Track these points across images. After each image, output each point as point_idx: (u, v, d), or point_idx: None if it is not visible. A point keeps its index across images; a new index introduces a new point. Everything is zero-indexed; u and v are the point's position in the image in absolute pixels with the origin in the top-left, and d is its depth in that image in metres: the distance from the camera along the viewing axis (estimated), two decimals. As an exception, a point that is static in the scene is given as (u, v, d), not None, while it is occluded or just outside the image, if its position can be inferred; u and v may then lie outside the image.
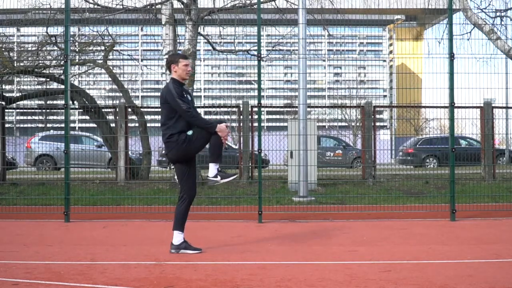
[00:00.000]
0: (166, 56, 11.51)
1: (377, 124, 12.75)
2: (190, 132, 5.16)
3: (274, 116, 43.06)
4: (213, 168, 5.27)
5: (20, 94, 15.21)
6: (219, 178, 5.28)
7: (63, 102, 7.98)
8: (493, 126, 12.93)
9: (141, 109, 14.44)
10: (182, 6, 11.56)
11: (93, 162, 15.64)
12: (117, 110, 12.12)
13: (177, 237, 5.24)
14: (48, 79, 14.76)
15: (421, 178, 12.43)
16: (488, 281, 4.12)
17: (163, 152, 5.26)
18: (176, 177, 5.33)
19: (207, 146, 5.27)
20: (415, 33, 17.58)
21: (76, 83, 19.65)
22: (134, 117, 13.74)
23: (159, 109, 5.48)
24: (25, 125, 41.04)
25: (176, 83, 5.28)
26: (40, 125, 38.52)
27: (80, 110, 14.61)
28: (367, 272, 4.46)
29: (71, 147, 8.85)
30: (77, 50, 14.79)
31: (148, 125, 14.41)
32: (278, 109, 42.52)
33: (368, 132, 12.35)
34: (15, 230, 6.95)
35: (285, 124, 11.36)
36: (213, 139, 5.15)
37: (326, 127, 38.94)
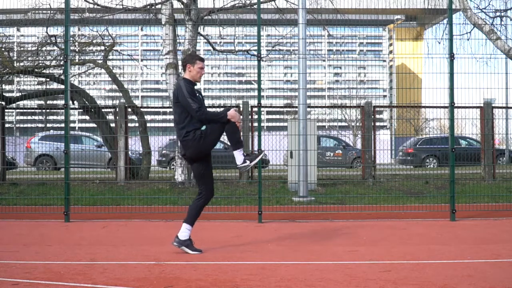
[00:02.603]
0: (166, 56, 11.53)
1: (377, 124, 12.75)
2: (204, 128, 5.15)
3: (274, 116, 43.09)
4: (239, 155, 5.24)
5: (20, 94, 15.20)
6: (248, 162, 5.26)
7: (63, 102, 7.98)
8: (493, 126, 12.92)
9: (141, 109, 14.44)
10: (182, 6, 11.56)
11: (93, 162, 15.65)
12: (117, 110, 12.12)
13: (184, 232, 5.22)
14: (48, 79, 14.76)
15: (421, 178, 12.43)
16: (488, 281, 4.12)
17: (181, 152, 5.26)
18: (193, 177, 5.38)
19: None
20: (415, 33, 17.57)
21: (76, 83, 19.66)
22: (134, 117, 13.74)
23: (159, 109, 5.50)
24: (25, 125, 41.07)
25: (188, 82, 5.26)
26: (40, 125, 38.54)
27: (80, 110, 14.60)
28: (367, 272, 4.46)
29: (71, 147, 8.85)
30: (77, 50, 14.80)
31: (148, 125, 14.41)
32: (278, 109, 42.53)
33: (368, 132, 12.35)
34: (15, 230, 6.95)
35: (285, 124, 11.36)
36: (228, 127, 5.14)
37: (326, 127, 38.97)
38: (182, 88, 5.13)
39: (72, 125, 21.94)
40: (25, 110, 36.69)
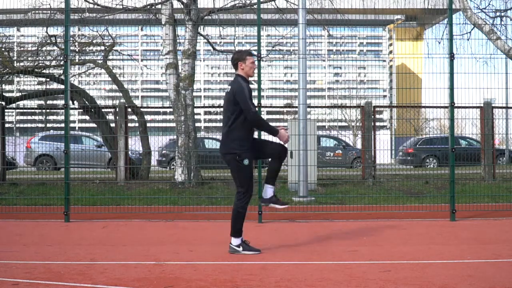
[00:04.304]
0: (166, 56, 11.53)
1: (377, 124, 12.74)
2: (246, 162, 5.15)
3: (274, 116, 43.06)
4: (269, 190, 5.34)
5: (20, 94, 15.20)
6: (271, 203, 5.36)
7: (63, 102, 7.98)
8: (493, 126, 12.91)
9: (141, 109, 14.44)
10: (182, 6, 11.56)
11: (93, 162, 15.64)
12: (117, 110, 12.12)
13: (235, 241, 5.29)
14: (48, 79, 14.76)
15: (421, 178, 12.42)
16: (488, 281, 4.12)
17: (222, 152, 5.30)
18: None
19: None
20: (415, 33, 17.58)
21: (76, 83, 19.66)
22: (134, 117, 13.75)
23: (159, 109, 5.49)
24: (25, 125, 41.05)
25: (246, 80, 5.29)
26: (40, 125, 38.52)
27: (80, 110, 14.60)
28: (367, 272, 4.46)
29: (71, 147, 8.85)
30: (77, 50, 14.79)
31: (148, 125, 14.42)
32: (278, 109, 42.52)
33: (368, 132, 12.34)
34: (15, 230, 6.95)
35: (285, 124, 11.36)
36: (274, 162, 5.25)
37: (326, 127, 38.95)
38: (243, 89, 5.14)
39: (72, 125, 21.94)
40: (25, 110, 36.69)
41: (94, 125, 16.68)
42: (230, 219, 5.28)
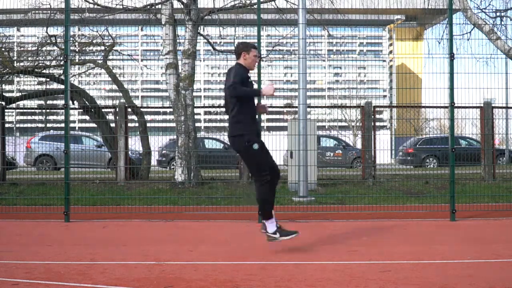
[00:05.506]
0: (166, 56, 11.53)
1: (377, 124, 12.74)
2: (256, 146, 5.19)
3: (274, 116, 43.05)
4: (271, 226, 5.31)
5: (20, 94, 15.20)
6: (278, 235, 5.25)
7: (63, 102, 7.97)
8: (493, 126, 12.91)
9: (141, 109, 14.43)
10: (182, 6, 11.57)
11: (93, 162, 15.65)
12: (117, 110, 12.12)
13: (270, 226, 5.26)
14: (48, 79, 14.76)
15: (421, 178, 12.42)
16: (488, 281, 4.12)
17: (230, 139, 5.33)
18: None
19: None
20: (415, 33, 17.59)
21: (76, 83, 19.66)
22: (134, 117, 13.75)
23: (159, 109, 5.49)
24: (25, 125, 41.01)
25: (243, 67, 5.29)
26: (40, 125, 38.49)
27: (80, 110, 14.60)
28: (367, 272, 4.46)
29: (71, 147, 8.85)
30: (77, 50, 14.79)
31: (148, 125, 14.41)
32: (278, 109, 42.46)
33: (368, 132, 12.34)
34: (15, 230, 6.94)
35: (285, 124, 11.36)
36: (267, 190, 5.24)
37: (326, 127, 38.94)
38: (233, 70, 5.16)
39: (72, 125, 21.95)
40: (25, 110, 36.67)
41: (94, 125, 16.68)
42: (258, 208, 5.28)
